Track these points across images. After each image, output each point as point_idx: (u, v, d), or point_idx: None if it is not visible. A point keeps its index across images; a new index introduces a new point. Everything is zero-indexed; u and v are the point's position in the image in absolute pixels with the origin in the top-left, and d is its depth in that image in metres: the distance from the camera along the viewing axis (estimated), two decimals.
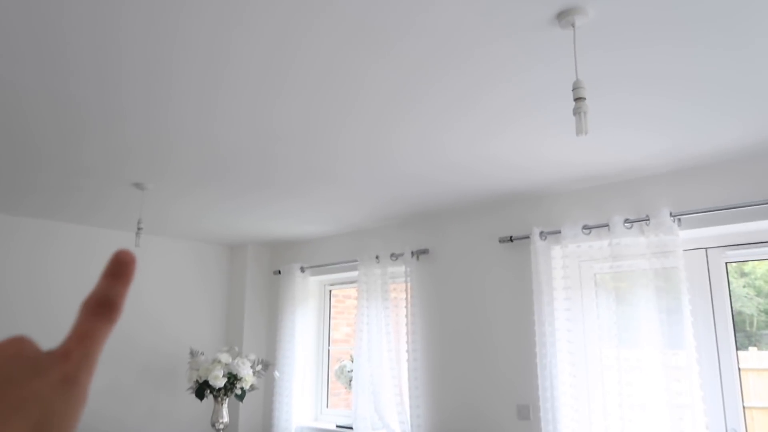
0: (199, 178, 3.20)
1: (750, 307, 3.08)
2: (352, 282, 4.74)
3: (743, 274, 3.16)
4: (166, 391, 4.68)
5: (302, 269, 4.82)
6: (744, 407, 2.92)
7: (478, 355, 3.66)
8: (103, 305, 0.35)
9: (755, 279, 3.16)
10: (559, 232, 3.33)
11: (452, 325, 3.82)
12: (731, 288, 3.04)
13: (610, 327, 3.13)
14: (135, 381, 4.52)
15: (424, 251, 4.02)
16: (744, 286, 3.13)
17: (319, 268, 4.76)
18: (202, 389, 4.31)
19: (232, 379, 4.33)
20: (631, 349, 3.04)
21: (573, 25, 1.64)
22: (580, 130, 1.58)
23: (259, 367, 4.54)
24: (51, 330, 4.15)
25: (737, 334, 2.98)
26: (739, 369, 2.95)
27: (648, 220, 3.03)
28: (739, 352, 2.96)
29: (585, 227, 3.24)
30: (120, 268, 0.36)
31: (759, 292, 3.10)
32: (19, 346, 0.33)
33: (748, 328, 3.06)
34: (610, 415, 3.06)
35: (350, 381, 4.47)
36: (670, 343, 2.90)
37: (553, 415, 3.16)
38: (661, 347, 2.92)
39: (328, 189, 3.40)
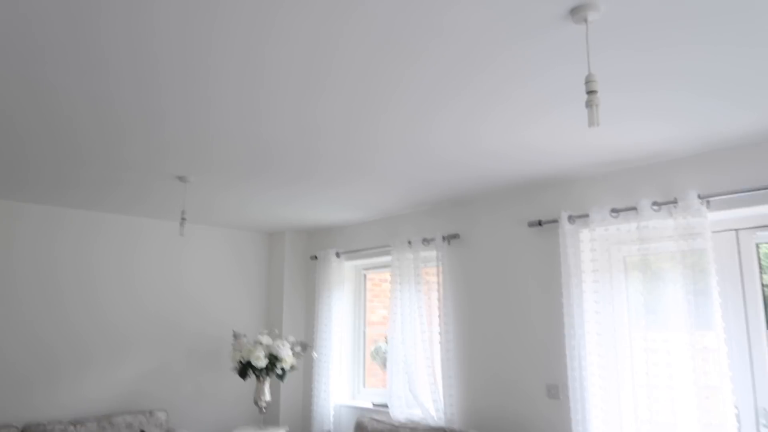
0: (241, 172, 3.36)
1: None
2: (385, 266, 4.87)
3: None
4: (212, 371, 4.93)
5: (338, 254, 4.97)
6: None
7: (508, 336, 3.75)
8: None
9: None
10: (587, 215, 3.37)
11: (483, 308, 3.92)
12: (762, 268, 3.04)
13: (638, 309, 3.18)
14: (182, 362, 4.78)
15: (455, 236, 4.11)
16: None
17: (353, 253, 4.90)
18: (244, 369, 4.52)
19: (273, 359, 4.53)
20: (660, 331, 3.08)
21: (585, 20, 1.70)
22: (592, 122, 1.65)
23: (298, 349, 4.73)
24: (96, 315, 4.42)
25: None
26: None
27: (676, 202, 3.05)
28: None
29: (613, 210, 3.27)
30: None
31: None
32: None
33: None
34: (638, 395, 3.12)
35: (385, 362, 4.63)
36: (698, 325, 2.93)
37: (582, 395, 3.24)
38: (689, 329, 2.95)
39: (366, 179, 3.52)
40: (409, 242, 4.31)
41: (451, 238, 4.12)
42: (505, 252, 3.85)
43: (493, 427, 3.73)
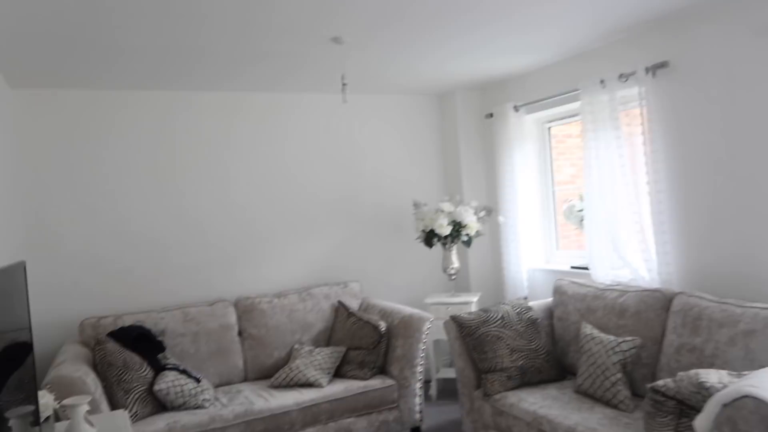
0: (401, 26, 2.95)
1: None
2: (573, 115, 4.25)
3: None
4: (398, 242, 4.90)
5: (516, 108, 4.45)
6: None
7: (745, 185, 3.03)
8: None
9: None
10: None
11: (705, 152, 3.19)
12: None
13: None
14: (368, 236, 4.80)
15: (663, 65, 3.33)
16: None
17: (534, 104, 4.34)
18: (429, 238, 4.40)
19: (457, 226, 4.33)
20: None
21: None
22: None
23: (482, 213, 4.47)
24: (286, 198, 4.51)
25: None
26: None
27: None
28: None
29: None
30: None
31: None
32: None
33: None
34: None
35: (581, 221, 4.17)
36: None
37: None
38: None
39: (545, 6, 2.91)
40: (602, 81, 3.63)
41: (656, 68, 3.36)
42: (736, 77, 3.01)
43: (726, 289, 3.14)
